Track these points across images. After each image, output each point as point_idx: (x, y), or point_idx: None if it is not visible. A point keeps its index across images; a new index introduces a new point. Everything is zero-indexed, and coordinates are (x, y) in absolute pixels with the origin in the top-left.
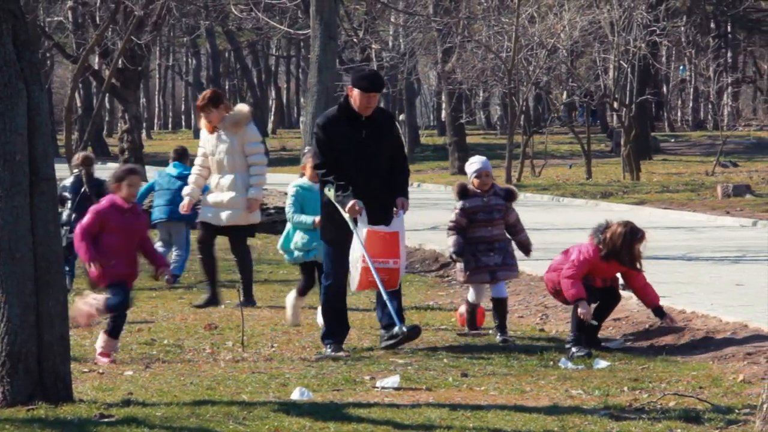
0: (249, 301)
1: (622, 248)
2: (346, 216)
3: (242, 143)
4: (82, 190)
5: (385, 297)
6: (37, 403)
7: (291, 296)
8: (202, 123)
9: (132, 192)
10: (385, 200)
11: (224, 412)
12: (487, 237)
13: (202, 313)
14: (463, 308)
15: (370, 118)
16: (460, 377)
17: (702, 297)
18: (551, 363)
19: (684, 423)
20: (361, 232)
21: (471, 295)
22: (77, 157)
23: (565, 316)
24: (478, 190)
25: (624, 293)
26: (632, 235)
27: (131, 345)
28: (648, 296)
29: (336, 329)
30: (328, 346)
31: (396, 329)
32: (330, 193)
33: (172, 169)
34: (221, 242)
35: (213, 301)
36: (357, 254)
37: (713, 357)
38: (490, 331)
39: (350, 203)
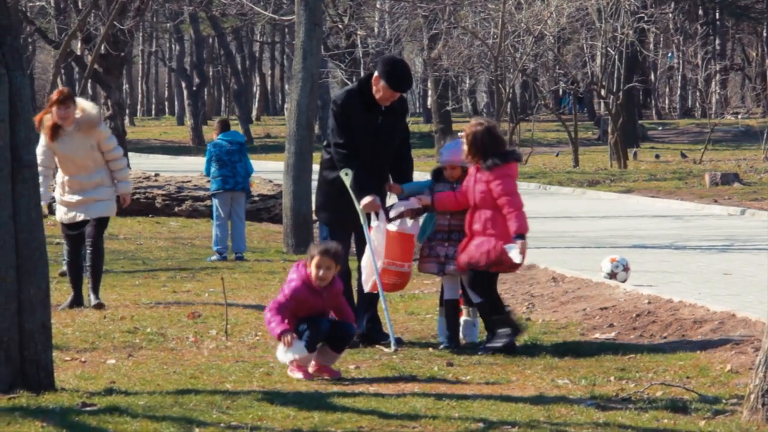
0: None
1: None
2: (359, 208)
3: (99, 142)
4: None
5: (383, 307)
6: (18, 391)
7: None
8: (41, 126)
9: (325, 276)
10: (386, 188)
11: (208, 401)
12: (444, 225)
13: (185, 301)
14: None
15: (387, 105)
16: (446, 366)
17: (689, 286)
18: (537, 353)
19: (671, 413)
20: (379, 231)
21: (445, 292)
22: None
23: (552, 305)
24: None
25: (612, 282)
26: None
27: (114, 333)
28: None
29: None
30: None
31: (393, 347)
32: (347, 179)
33: (223, 141)
34: (204, 229)
35: (77, 301)
36: (372, 253)
37: (700, 347)
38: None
39: (369, 199)
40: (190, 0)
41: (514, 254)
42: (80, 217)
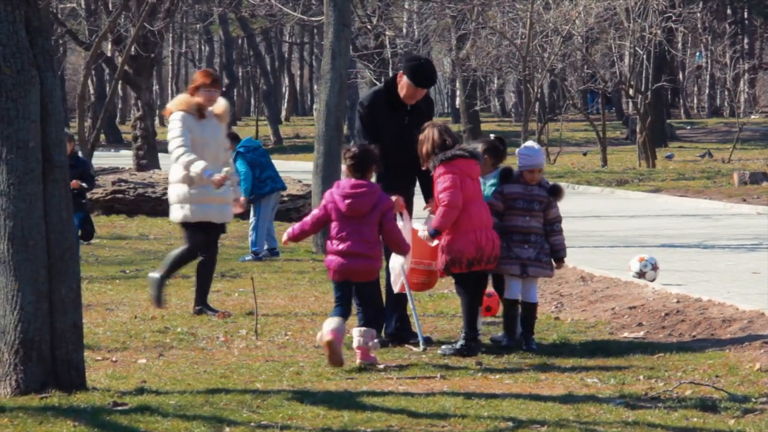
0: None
1: None
2: None
3: (223, 134)
4: None
5: (411, 306)
6: (50, 391)
7: None
8: (184, 104)
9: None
10: (413, 189)
11: (238, 400)
12: (523, 227)
13: (215, 301)
14: None
15: (414, 104)
16: (475, 366)
17: (718, 285)
18: (566, 352)
19: (700, 412)
20: (405, 231)
21: (506, 291)
22: None
23: (581, 304)
24: (523, 179)
25: (640, 281)
26: None
27: (144, 333)
28: None
29: None
30: None
31: (421, 346)
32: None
33: (249, 145)
34: (234, 230)
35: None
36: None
37: (729, 345)
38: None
39: (393, 198)
40: (220, 1)
41: (423, 236)
42: (214, 217)
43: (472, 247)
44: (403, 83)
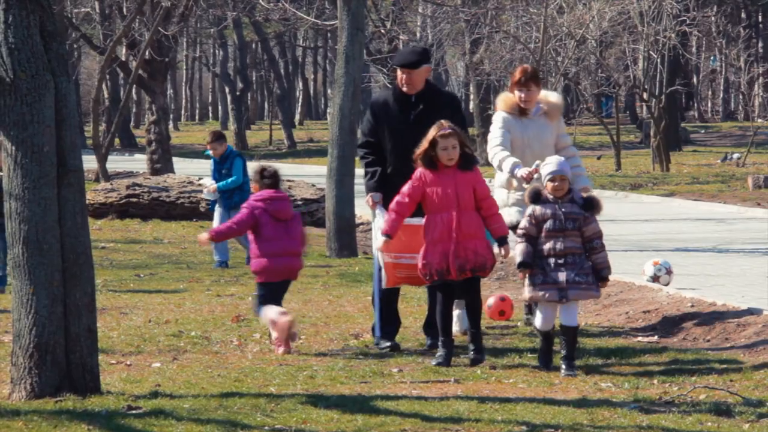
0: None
1: None
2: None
3: (558, 134)
4: None
5: (376, 300)
6: (64, 394)
7: None
8: (505, 104)
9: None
10: None
11: (252, 404)
12: (558, 249)
13: (229, 305)
14: (491, 300)
15: (422, 100)
16: (489, 370)
17: (732, 289)
18: (580, 356)
19: (714, 416)
20: (377, 226)
21: (538, 320)
22: None
23: (595, 308)
24: (551, 196)
25: (654, 285)
26: None
27: (158, 337)
28: None
29: (386, 321)
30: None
31: (376, 341)
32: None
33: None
34: None
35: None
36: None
37: (744, 350)
38: (519, 324)
39: (367, 196)
40: (234, 5)
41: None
42: None
43: (438, 257)
44: (397, 73)
